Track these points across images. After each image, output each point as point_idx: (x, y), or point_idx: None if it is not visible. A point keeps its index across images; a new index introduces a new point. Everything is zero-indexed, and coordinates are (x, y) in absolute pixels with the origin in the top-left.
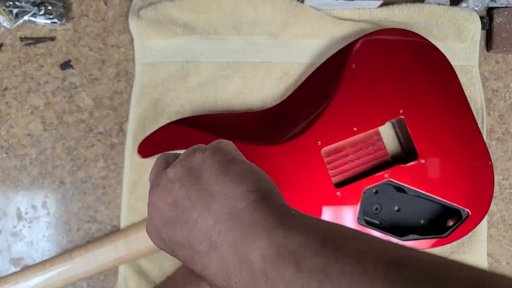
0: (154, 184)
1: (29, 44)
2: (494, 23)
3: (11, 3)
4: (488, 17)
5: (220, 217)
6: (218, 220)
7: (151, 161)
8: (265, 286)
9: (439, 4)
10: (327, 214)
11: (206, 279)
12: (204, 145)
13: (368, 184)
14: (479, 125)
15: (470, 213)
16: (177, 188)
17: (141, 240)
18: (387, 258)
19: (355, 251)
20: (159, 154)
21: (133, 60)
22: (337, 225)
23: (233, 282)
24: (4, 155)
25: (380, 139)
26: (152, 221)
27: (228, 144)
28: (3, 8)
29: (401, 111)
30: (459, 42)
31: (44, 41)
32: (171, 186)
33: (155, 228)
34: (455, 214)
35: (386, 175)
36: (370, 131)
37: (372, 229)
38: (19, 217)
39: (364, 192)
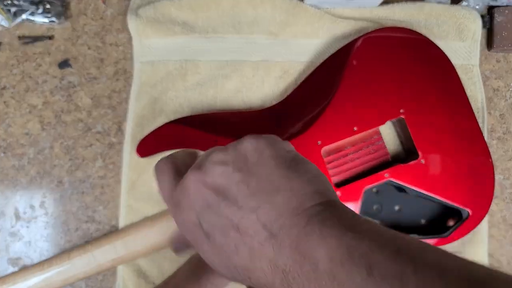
0: (195, 166)
1: (27, 43)
2: (495, 22)
3: (9, 1)
4: (488, 16)
5: (285, 212)
6: (282, 214)
7: (150, 161)
8: (331, 286)
9: (439, 2)
10: None
11: (247, 274)
12: (218, 147)
13: (368, 184)
14: (480, 124)
15: (470, 213)
16: (231, 172)
17: (140, 240)
18: (470, 277)
19: (435, 265)
20: (158, 162)
21: (132, 58)
22: (406, 235)
23: (290, 278)
24: (2, 154)
25: (380, 138)
26: (190, 202)
27: (279, 140)
28: (1, 6)
29: (401, 111)
30: (459, 41)
31: (42, 40)
32: (223, 170)
33: (192, 208)
34: (456, 214)
35: (386, 175)
36: (371, 130)
37: None
38: (17, 217)
39: (365, 192)
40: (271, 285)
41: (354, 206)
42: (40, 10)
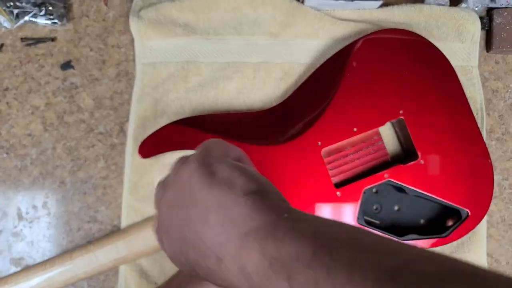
0: (157, 213)
1: (29, 45)
2: (494, 23)
3: (11, 3)
4: (487, 18)
5: (218, 229)
6: (217, 232)
7: (151, 161)
8: None
9: (439, 4)
10: (327, 214)
11: None
12: (189, 154)
13: (368, 184)
14: (479, 125)
15: (469, 213)
16: (176, 211)
17: (142, 240)
18: (379, 271)
19: (346, 263)
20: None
21: (134, 60)
22: (334, 226)
23: None
24: (5, 155)
25: (380, 139)
26: (171, 249)
27: (214, 148)
28: (4, 8)
29: (401, 112)
30: (459, 42)
31: (45, 42)
32: (171, 212)
33: (176, 259)
34: (455, 214)
35: (386, 175)
36: (370, 131)
37: (372, 229)
38: (20, 217)
39: (364, 192)
40: None
41: (353, 206)
42: (42, 12)
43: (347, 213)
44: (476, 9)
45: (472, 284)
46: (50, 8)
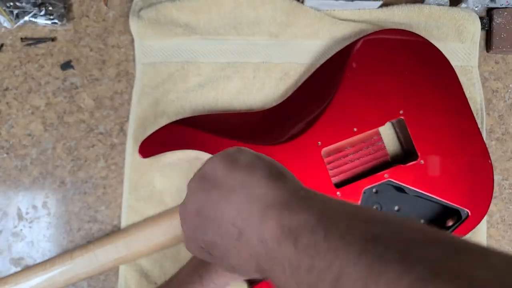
0: (182, 202)
1: (29, 45)
2: (494, 23)
3: (11, 3)
4: (487, 18)
5: (241, 205)
6: (240, 209)
7: (151, 161)
8: (276, 262)
9: (439, 4)
10: None
11: (241, 269)
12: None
13: (368, 184)
14: (479, 125)
15: (469, 213)
16: (198, 196)
17: (142, 240)
18: (367, 235)
19: (342, 228)
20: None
21: (134, 60)
22: (340, 202)
23: (262, 265)
24: (5, 155)
25: (380, 139)
26: (188, 235)
27: (234, 149)
28: (4, 8)
29: (401, 112)
30: (459, 42)
31: (45, 42)
32: (193, 197)
33: (192, 240)
34: (455, 214)
35: (386, 175)
36: (370, 131)
37: None
38: (20, 217)
39: (364, 192)
40: (262, 274)
41: None
42: (42, 12)
43: None
44: (476, 9)
45: (447, 250)
46: (50, 8)
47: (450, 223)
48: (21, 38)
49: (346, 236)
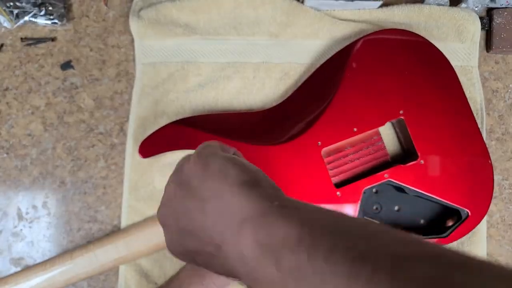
0: (160, 205)
1: (29, 45)
2: (494, 23)
3: (11, 3)
4: (487, 18)
5: (216, 218)
6: (215, 221)
7: (151, 161)
8: (257, 282)
9: (439, 4)
10: None
11: (229, 275)
12: (190, 153)
13: (368, 184)
14: (479, 125)
15: (469, 213)
16: (176, 204)
17: (142, 240)
18: (353, 255)
19: (325, 247)
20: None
21: (134, 60)
22: (319, 212)
23: (245, 281)
24: (5, 155)
25: (380, 139)
26: (170, 239)
27: (209, 146)
28: (4, 8)
29: (401, 112)
30: (459, 42)
31: (45, 42)
32: (171, 203)
33: (174, 245)
34: (455, 214)
35: (386, 175)
36: (370, 131)
37: None
38: (20, 217)
39: (364, 192)
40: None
41: (353, 206)
42: (42, 12)
43: (347, 213)
44: (476, 9)
45: (439, 266)
46: (50, 8)
47: (450, 223)
48: (21, 38)
49: (330, 257)
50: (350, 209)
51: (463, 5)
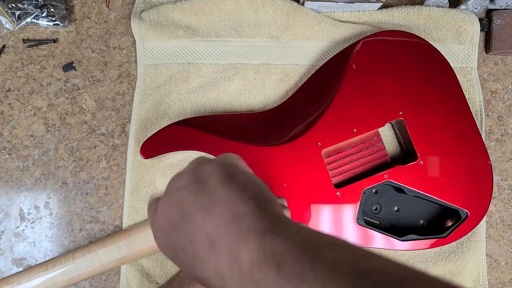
0: (165, 192)
1: (31, 46)
2: (493, 25)
3: (13, 5)
4: (487, 19)
5: (221, 220)
6: (219, 223)
7: (153, 162)
8: (250, 286)
9: (438, 6)
10: (327, 214)
11: (204, 282)
12: (211, 157)
13: (367, 185)
14: (478, 126)
15: (469, 213)
16: (185, 194)
17: (143, 240)
18: (356, 269)
19: (330, 260)
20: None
21: (135, 62)
22: (322, 235)
23: (226, 282)
24: (7, 156)
25: (379, 140)
26: (160, 227)
27: (234, 158)
28: (6, 10)
29: (400, 113)
30: (458, 44)
31: (47, 43)
32: (179, 193)
33: (162, 233)
34: (454, 214)
35: (385, 176)
36: (370, 132)
37: (372, 229)
38: (22, 217)
39: (364, 193)
40: None
41: (353, 206)
42: (44, 14)
43: (347, 213)
44: (476, 10)
45: None
46: (52, 9)
47: (449, 223)
48: (23, 40)
49: (335, 268)
50: (350, 210)
51: (462, 6)
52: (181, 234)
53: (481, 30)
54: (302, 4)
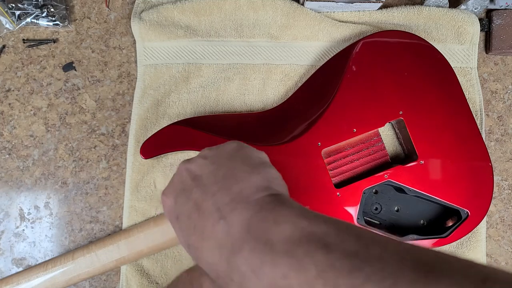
0: (188, 160)
1: (31, 46)
2: (493, 25)
3: (13, 5)
4: (487, 19)
5: (238, 198)
6: (235, 200)
7: (153, 162)
8: (288, 264)
9: (438, 6)
10: (328, 214)
11: (196, 254)
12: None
13: (368, 185)
14: (478, 126)
15: (469, 213)
16: (207, 164)
17: (143, 240)
18: (414, 258)
19: (354, 235)
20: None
21: (135, 62)
22: (345, 222)
23: (239, 257)
24: (7, 156)
25: (380, 140)
26: (173, 186)
27: (258, 150)
28: (6, 10)
29: (400, 112)
30: (458, 44)
31: (47, 43)
32: (202, 162)
33: (173, 191)
34: (455, 214)
35: (386, 176)
36: (370, 132)
37: (372, 229)
38: (22, 217)
39: (364, 192)
40: (215, 265)
41: (353, 207)
42: (44, 14)
43: (347, 213)
44: (476, 10)
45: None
46: (52, 9)
47: (450, 223)
48: (23, 40)
49: (384, 254)
50: (350, 209)
51: (462, 6)
52: (190, 199)
53: (481, 30)
54: (302, 4)
